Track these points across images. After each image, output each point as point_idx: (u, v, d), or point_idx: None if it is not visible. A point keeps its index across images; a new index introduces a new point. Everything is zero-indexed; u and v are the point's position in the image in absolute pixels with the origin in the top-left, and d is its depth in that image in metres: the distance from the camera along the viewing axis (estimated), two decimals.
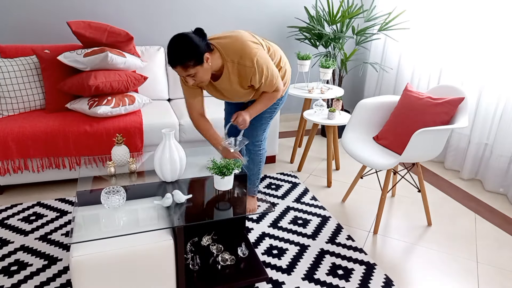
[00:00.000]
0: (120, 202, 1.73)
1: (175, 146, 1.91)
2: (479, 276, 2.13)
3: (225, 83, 1.98)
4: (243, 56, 1.89)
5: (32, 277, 1.99)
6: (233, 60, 1.90)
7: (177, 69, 1.80)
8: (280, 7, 3.83)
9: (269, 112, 2.27)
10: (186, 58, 1.75)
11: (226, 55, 1.90)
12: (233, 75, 1.94)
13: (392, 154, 2.44)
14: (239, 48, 1.89)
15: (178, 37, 1.77)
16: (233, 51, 1.89)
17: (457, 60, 3.21)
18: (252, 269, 1.95)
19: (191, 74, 1.82)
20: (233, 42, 1.91)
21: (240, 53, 1.89)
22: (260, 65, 1.91)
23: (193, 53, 1.76)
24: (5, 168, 2.58)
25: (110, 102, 2.69)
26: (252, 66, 1.89)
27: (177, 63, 1.77)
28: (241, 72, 1.92)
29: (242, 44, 1.90)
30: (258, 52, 1.92)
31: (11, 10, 3.10)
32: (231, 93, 2.04)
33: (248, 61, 1.89)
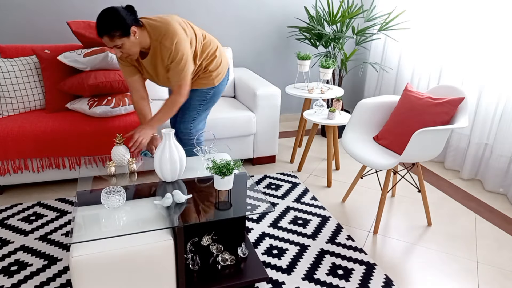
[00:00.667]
0: (120, 202, 1.73)
1: (175, 146, 1.91)
2: (479, 276, 2.13)
3: (150, 62, 2.08)
4: (165, 36, 1.99)
5: (32, 277, 1.99)
6: (157, 39, 2.00)
7: (104, 39, 1.91)
8: (280, 7, 3.83)
9: (198, 100, 2.34)
10: (112, 28, 1.87)
11: (153, 35, 2.00)
12: (156, 53, 2.04)
13: (392, 154, 2.44)
14: (164, 28, 2.00)
15: (106, 9, 1.89)
16: (158, 31, 2.00)
17: (457, 60, 3.21)
18: (252, 269, 1.95)
19: (118, 45, 1.92)
20: (160, 23, 2.01)
21: (164, 33, 1.99)
22: (177, 48, 2.00)
23: (119, 24, 1.88)
24: (5, 168, 2.58)
25: (110, 102, 2.69)
26: (169, 47, 1.99)
27: (103, 33, 1.88)
28: (162, 52, 2.02)
29: (167, 25, 2.00)
30: (180, 37, 2.01)
31: (11, 10, 3.10)
32: (158, 74, 2.14)
33: (168, 41, 1.99)
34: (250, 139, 3.14)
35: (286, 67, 4.10)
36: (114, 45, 1.93)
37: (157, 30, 2.00)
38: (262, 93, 3.03)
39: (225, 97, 3.44)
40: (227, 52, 3.45)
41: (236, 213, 1.79)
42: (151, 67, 2.10)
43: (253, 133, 3.11)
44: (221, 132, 2.96)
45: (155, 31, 2.00)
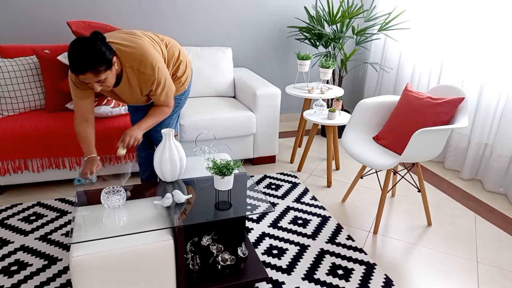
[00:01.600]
0: (120, 202, 1.73)
1: (175, 146, 1.91)
2: (479, 276, 2.13)
3: (124, 89, 1.96)
4: (143, 63, 1.88)
5: (32, 277, 1.99)
6: (132, 66, 1.88)
7: (87, 75, 1.71)
8: (280, 7, 3.83)
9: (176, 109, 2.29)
10: (98, 63, 1.70)
11: (125, 61, 1.87)
12: (133, 81, 1.92)
13: (392, 154, 2.44)
14: (138, 55, 1.87)
15: (84, 41, 1.70)
16: (133, 58, 1.87)
17: (457, 59, 3.21)
18: (252, 269, 1.95)
19: (101, 80, 1.76)
20: (132, 49, 1.88)
21: (140, 60, 1.87)
22: (160, 74, 1.93)
23: (104, 58, 1.72)
24: (5, 168, 2.58)
25: (110, 102, 2.69)
26: (152, 75, 1.91)
27: (88, 69, 1.69)
28: (141, 79, 1.91)
29: (143, 51, 1.88)
30: (159, 62, 1.93)
31: (11, 10, 3.10)
32: (129, 97, 2.03)
33: (148, 69, 1.89)
34: (250, 139, 3.14)
35: (286, 67, 4.10)
36: (98, 80, 1.75)
37: (131, 57, 1.87)
38: (262, 93, 3.03)
39: (225, 97, 3.45)
40: (227, 52, 3.46)
41: (236, 213, 1.79)
42: (125, 92, 1.98)
43: (253, 133, 3.11)
44: (221, 132, 2.96)
45: (129, 58, 1.87)
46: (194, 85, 3.34)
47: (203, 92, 3.39)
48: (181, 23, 3.56)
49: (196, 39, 3.66)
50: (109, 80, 1.80)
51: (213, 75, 3.38)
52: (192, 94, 3.37)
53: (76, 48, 1.68)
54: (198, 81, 3.34)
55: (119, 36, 1.93)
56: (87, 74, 1.71)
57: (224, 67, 3.42)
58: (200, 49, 3.39)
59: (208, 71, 3.36)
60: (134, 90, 1.96)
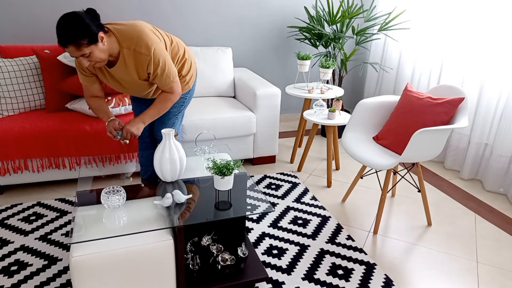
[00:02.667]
0: (120, 202, 1.73)
1: (175, 146, 1.91)
2: (479, 276, 2.13)
3: (121, 71, 1.93)
4: (139, 43, 1.86)
5: (32, 277, 1.99)
6: (129, 46, 1.87)
7: (70, 48, 1.72)
8: (280, 7, 3.83)
9: (177, 107, 2.27)
10: (79, 36, 1.70)
11: (122, 41, 1.86)
12: (129, 62, 1.90)
13: (392, 154, 2.44)
14: (136, 35, 1.86)
15: (69, 15, 1.70)
16: (130, 38, 1.86)
17: (457, 59, 3.21)
18: (252, 269, 1.95)
19: (86, 54, 1.75)
20: (130, 29, 1.88)
21: (137, 40, 1.86)
22: (157, 55, 1.89)
23: (86, 31, 1.71)
24: (5, 168, 2.58)
25: (110, 102, 2.69)
26: (148, 54, 1.87)
27: (69, 42, 1.70)
28: (137, 60, 1.89)
29: (139, 32, 1.87)
30: (155, 43, 1.90)
31: (11, 10, 3.10)
32: (128, 83, 2.00)
33: (144, 48, 1.87)
34: (250, 139, 3.14)
35: (286, 67, 4.10)
36: (81, 54, 1.75)
37: (128, 37, 1.86)
38: (262, 93, 3.04)
39: (225, 97, 3.45)
40: (227, 52, 3.46)
41: (236, 213, 1.79)
42: (122, 75, 1.96)
43: (253, 133, 3.11)
44: (221, 132, 2.96)
45: (125, 38, 1.86)
46: None
47: (203, 92, 3.39)
48: (181, 23, 3.56)
49: (196, 39, 3.66)
50: (95, 55, 1.78)
51: (213, 75, 3.38)
52: None
53: (60, 21, 1.70)
54: (198, 81, 3.34)
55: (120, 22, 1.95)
56: (69, 47, 1.72)
57: (224, 67, 3.42)
58: (200, 49, 3.39)
59: (208, 71, 3.36)
60: (130, 72, 1.93)
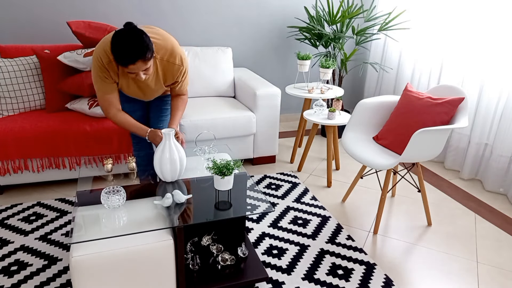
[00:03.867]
0: (120, 202, 1.73)
1: (175, 146, 1.91)
2: (479, 276, 2.13)
3: (151, 80, 2.04)
4: (173, 55, 2.00)
5: (32, 277, 1.99)
6: (163, 57, 1.99)
7: (137, 64, 1.78)
8: (280, 7, 3.83)
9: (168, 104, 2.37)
10: (147, 51, 1.77)
11: (156, 52, 1.95)
12: (160, 71, 2.02)
13: (392, 154, 2.44)
14: (170, 47, 1.99)
15: (131, 32, 1.75)
16: (164, 49, 1.98)
17: (457, 59, 3.21)
18: (252, 269, 1.95)
19: (148, 67, 1.84)
20: (164, 41, 1.99)
21: (171, 51, 1.99)
22: (185, 64, 2.07)
23: (150, 45, 1.80)
24: (5, 168, 2.58)
25: None
26: (181, 65, 2.04)
27: (139, 58, 1.76)
28: (169, 69, 2.03)
29: (172, 44, 2.01)
30: (184, 54, 2.07)
31: (11, 10, 3.10)
32: (151, 90, 2.11)
33: (178, 60, 2.02)
34: (250, 139, 3.14)
35: (286, 67, 4.10)
36: (145, 68, 1.82)
37: (163, 49, 1.97)
38: (262, 93, 3.03)
39: (225, 97, 3.44)
40: (227, 52, 3.45)
41: (236, 213, 1.79)
42: (150, 83, 2.05)
43: (253, 133, 3.11)
44: (221, 132, 2.96)
45: (160, 49, 1.96)
46: (194, 85, 3.34)
47: (203, 92, 3.39)
48: (181, 23, 3.56)
49: (196, 39, 3.66)
50: (151, 68, 1.89)
51: (213, 75, 3.38)
52: (192, 94, 3.37)
53: (125, 40, 1.74)
54: (198, 81, 3.34)
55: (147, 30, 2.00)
56: (138, 63, 1.78)
57: (224, 67, 3.42)
58: (200, 49, 3.39)
59: (208, 71, 3.36)
60: (159, 80, 2.06)
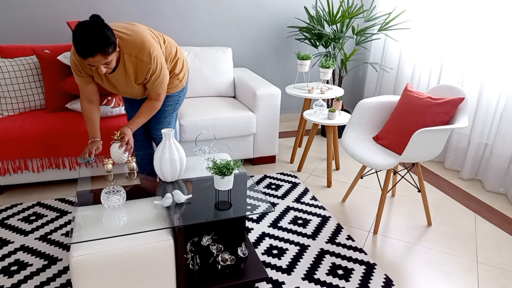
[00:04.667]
0: (120, 202, 1.73)
1: (175, 146, 1.91)
2: (479, 276, 2.13)
3: (119, 75, 2.00)
4: (142, 51, 1.93)
5: (32, 277, 1.99)
6: (131, 53, 1.93)
7: (97, 57, 1.76)
8: (280, 7, 3.83)
9: (172, 105, 2.34)
10: (107, 45, 1.74)
11: (124, 48, 1.92)
12: (129, 67, 1.97)
13: (392, 154, 2.44)
14: (139, 42, 1.93)
15: (91, 25, 1.73)
16: (132, 45, 1.92)
17: (457, 59, 3.21)
18: (252, 269, 1.95)
19: (108, 61, 1.81)
20: (133, 36, 1.93)
21: (140, 47, 1.93)
22: (157, 63, 1.98)
23: (112, 39, 1.77)
24: (5, 168, 2.58)
25: (110, 102, 2.69)
26: (149, 62, 1.96)
27: (98, 51, 1.74)
28: (138, 66, 1.96)
29: (142, 39, 1.94)
30: (156, 50, 1.98)
31: (11, 10, 3.10)
32: (123, 86, 2.06)
33: (146, 56, 1.94)
34: (250, 139, 3.14)
35: (286, 67, 4.10)
36: (106, 61, 1.80)
37: (131, 44, 1.92)
38: (262, 93, 3.03)
39: (225, 97, 3.44)
40: (227, 52, 3.45)
41: (236, 213, 1.79)
42: (119, 79, 2.02)
43: (253, 133, 3.11)
44: (221, 132, 2.96)
45: (128, 45, 1.92)
46: (194, 85, 3.34)
47: (203, 92, 3.39)
48: (181, 23, 3.56)
49: (196, 39, 3.66)
50: (113, 62, 1.85)
51: (213, 75, 3.38)
52: (192, 94, 3.37)
53: (84, 32, 1.71)
54: (198, 81, 3.34)
55: (118, 25, 1.98)
56: (96, 57, 1.75)
57: (224, 67, 3.42)
58: (200, 49, 3.39)
59: (208, 71, 3.36)
60: (129, 77, 2.00)
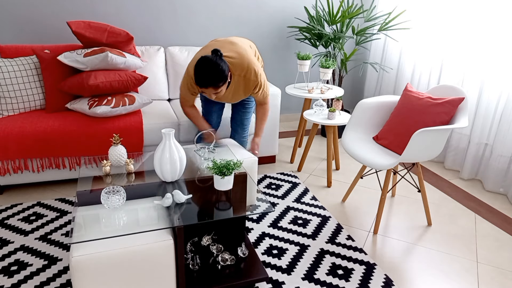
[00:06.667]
0: (120, 202, 1.73)
1: (175, 146, 1.91)
2: (479, 276, 2.13)
3: (228, 93, 2.34)
4: (249, 71, 2.28)
5: (32, 277, 1.99)
6: (240, 74, 2.28)
7: (208, 89, 2.11)
8: (280, 7, 3.83)
9: (250, 108, 2.67)
10: (219, 81, 2.08)
11: (234, 70, 2.26)
12: (238, 86, 2.32)
13: (392, 154, 2.44)
14: (246, 64, 2.27)
15: (210, 62, 2.05)
16: (241, 67, 2.27)
17: (457, 59, 3.21)
18: (252, 269, 1.95)
19: (218, 92, 2.14)
20: (240, 59, 2.27)
21: (247, 68, 2.27)
22: (261, 79, 2.34)
23: (224, 76, 2.09)
24: (5, 168, 2.58)
25: (110, 102, 2.69)
26: (256, 80, 2.31)
27: (210, 85, 2.08)
28: (246, 84, 2.31)
29: (249, 61, 2.28)
30: (259, 68, 2.33)
31: (11, 10, 3.10)
32: (229, 99, 2.42)
33: (253, 75, 2.29)
34: (250, 139, 3.14)
35: (286, 67, 4.10)
36: (215, 92, 2.13)
37: (239, 67, 2.26)
38: None
39: None
40: None
41: (236, 213, 1.79)
42: (227, 96, 2.36)
43: (253, 133, 3.10)
44: (221, 132, 2.96)
45: (236, 68, 2.26)
46: None
47: None
48: (181, 23, 3.56)
49: (196, 39, 3.66)
50: (223, 91, 2.18)
51: None
52: None
53: (203, 67, 2.05)
54: None
55: (228, 48, 2.31)
56: (209, 89, 2.11)
57: None
58: None
59: None
60: (238, 93, 2.36)
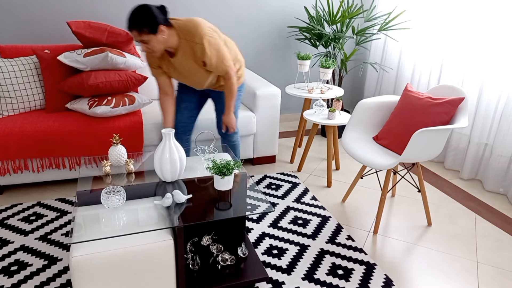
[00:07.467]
0: (120, 202, 1.73)
1: (175, 146, 1.91)
2: (479, 276, 2.13)
3: (180, 60, 2.21)
4: (194, 34, 2.14)
5: (32, 277, 1.99)
6: (186, 38, 2.15)
7: (133, 32, 2.03)
8: (280, 7, 3.83)
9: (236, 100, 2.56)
10: (143, 25, 1.99)
11: (181, 33, 2.15)
12: (186, 51, 2.18)
13: (392, 154, 2.44)
14: (192, 27, 2.14)
15: (141, 5, 2.01)
16: (187, 30, 2.14)
17: (457, 59, 3.21)
18: (252, 269, 1.95)
19: (144, 40, 2.04)
20: (188, 23, 2.16)
21: (192, 31, 2.14)
22: (209, 44, 2.15)
23: (149, 21, 1.99)
24: (5, 168, 2.58)
25: (110, 102, 2.69)
26: (201, 43, 2.13)
27: (133, 27, 2.01)
28: (193, 49, 2.16)
29: (196, 25, 2.15)
30: (209, 34, 2.16)
31: (12, 10, 3.10)
32: (188, 71, 2.26)
33: (197, 38, 2.13)
34: (250, 139, 3.14)
35: (286, 67, 4.10)
36: (140, 39, 2.05)
37: (186, 29, 2.14)
38: (262, 93, 3.03)
39: None
40: None
41: (236, 213, 1.79)
42: (182, 64, 2.23)
43: (253, 133, 3.11)
44: None
45: (184, 30, 2.14)
46: None
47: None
48: None
49: None
50: (153, 44, 2.07)
51: None
52: None
53: (133, 9, 2.01)
54: None
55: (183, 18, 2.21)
56: (132, 31, 2.03)
57: None
58: None
59: None
60: (188, 61, 2.20)
